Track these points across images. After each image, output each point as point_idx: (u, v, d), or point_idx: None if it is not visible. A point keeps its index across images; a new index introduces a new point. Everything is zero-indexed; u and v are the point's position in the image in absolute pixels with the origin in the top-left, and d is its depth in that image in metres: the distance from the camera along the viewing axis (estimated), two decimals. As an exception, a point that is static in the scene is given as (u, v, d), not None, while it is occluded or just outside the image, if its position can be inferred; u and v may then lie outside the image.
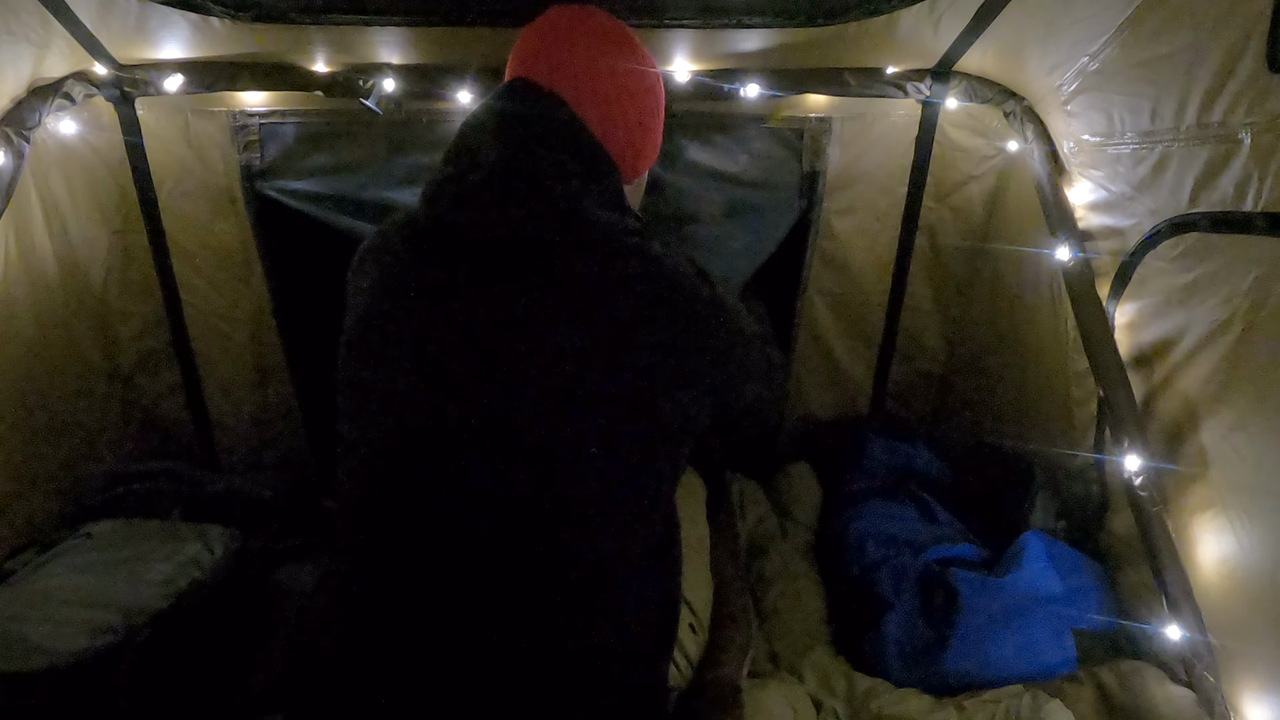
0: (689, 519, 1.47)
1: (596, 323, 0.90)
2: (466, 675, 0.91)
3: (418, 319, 0.94)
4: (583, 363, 0.90)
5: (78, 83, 1.53)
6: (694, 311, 0.96)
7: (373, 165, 1.73)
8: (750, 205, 1.87)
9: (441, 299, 0.93)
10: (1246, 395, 1.18)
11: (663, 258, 0.96)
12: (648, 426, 0.93)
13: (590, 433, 0.90)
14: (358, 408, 0.98)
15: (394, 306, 0.96)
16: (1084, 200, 1.55)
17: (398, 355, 0.94)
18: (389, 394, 0.94)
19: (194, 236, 1.81)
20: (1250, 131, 1.13)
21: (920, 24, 1.52)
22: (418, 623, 0.92)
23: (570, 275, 0.91)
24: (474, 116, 1.02)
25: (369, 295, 0.99)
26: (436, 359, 0.92)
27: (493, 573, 0.91)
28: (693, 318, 0.95)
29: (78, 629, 1.22)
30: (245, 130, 1.71)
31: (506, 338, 0.90)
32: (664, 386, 0.93)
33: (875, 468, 1.92)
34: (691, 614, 1.30)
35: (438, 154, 1.06)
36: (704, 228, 1.87)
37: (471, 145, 0.98)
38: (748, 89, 1.65)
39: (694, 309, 0.96)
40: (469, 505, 0.91)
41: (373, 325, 0.98)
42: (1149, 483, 1.34)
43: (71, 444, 1.71)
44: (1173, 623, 1.26)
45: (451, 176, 0.97)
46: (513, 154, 0.95)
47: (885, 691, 1.34)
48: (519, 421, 0.90)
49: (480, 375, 0.91)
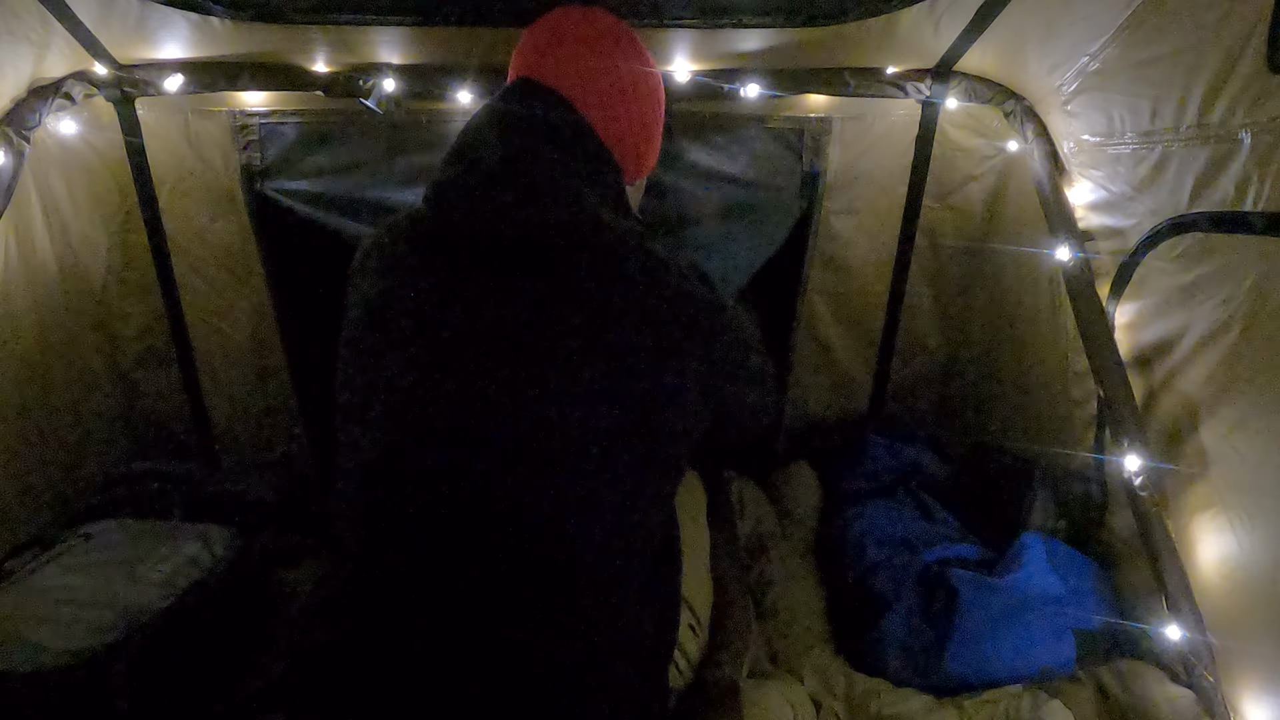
0: (689, 519, 1.47)
1: (599, 324, 0.90)
2: (467, 676, 0.91)
3: (422, 319, 0.94)
4: (586, 363, 0.90)
5: (78, 83, 1.53)
6: (696, 315, 0.96)
7: (373, 165, 1.73)
8: (750, 205, 1.87)
9: (446, 299, 0.93)
10: (1247, 395, 1.18)
11: (666, 260, 0.96)
12: (649, 429, 0.93)
13: (592, 433, 0.90)
14: (360, 408, 0.97)
15: (398, 307, 0.96)
16: (1084, 200, 1.55)
17: (402, 355, 0.94)
18: (392, 393, 0.94)
19: (194, 236, 1.81)
20: (1250, 131, 1.13)
21: (920, 24, 1.52)
22: (419, 622, 0.92)
23: (574, 276, 0.91)
24: (477, 117, 1.02)
25: (372, 296, 0.99)
26: (441, 359, 0.92)
27: (494, 573, 0.91)
28: (695, 321, 0.95)
29: (78, 629, 1.22)
30: (245, 130, 1.72)
31: (510, 338, 0.90)
32: (665, 389, 0.93)
33: (875, 468, 1.92)
34: (692, 614, 1.30)
35: (438, 154, 1.06)
36: (704, 228, 1.87)
37: (475, 145, 0.98)
38: (748, 89, 1.65)
39: (696, 312, 0.96)
40: (472, 505, 0.90)
41: (376, 326, 0.97)
42: (1149, 483, 1.34)
43: (71, 444, 1.72)
44: (1173, 623, 1.26)
45: (455, 176, 0.96)
46: (517, 154, 0.95)
47: (885, 691, 1.34)
48: (523, 422, 0.90)
49: (485, 375, 0.90)
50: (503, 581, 0.91)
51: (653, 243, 0.98)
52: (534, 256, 0.92)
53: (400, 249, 1.00)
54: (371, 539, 0.96)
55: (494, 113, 1.01)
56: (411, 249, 0.99)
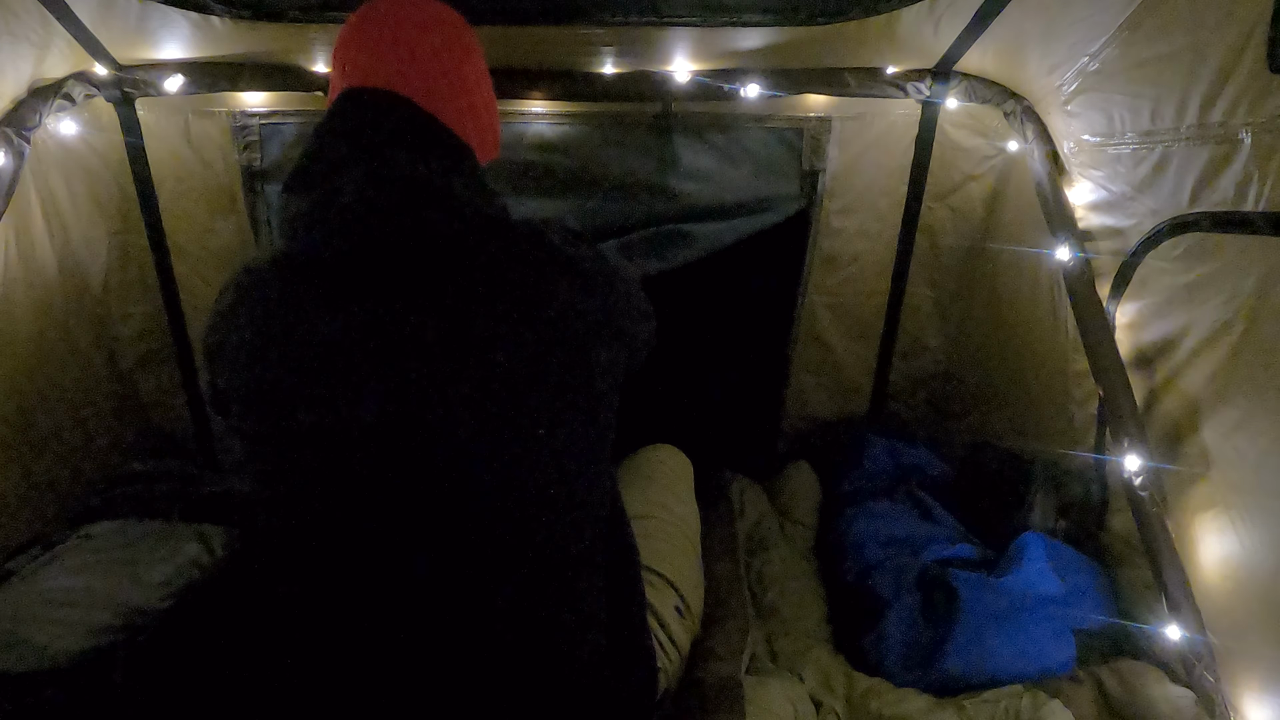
0: (677, 498, 1.47)
1: (505, 308, 0.89)
2: (435, 686, 0.91)
3: (334, 354, 0.88)
4: (504, 349, 0.88)
5: (78, 83, 1.53)
6: (586, 270, 0.95)
7: (372, 165, 1.73)
8: (750, 205, 1.87)
9: (351, 328, 0.88)
10: (1248, 395, 1.18)
11: (542, 230, 0.95)
12: (579, 395, 0.93)
13: (531, 416, 0.89)
14: (283, 456, 0.93)
15: (299, 350, 0.89)
16: (1084, 200, 1.55)
17: (322, 394, 0.88)
18: (320, 434, 0.89)
19: (194, 236, 1.82)
20: (1250, 131, 1.13)
21: (920, 23, 1.52)
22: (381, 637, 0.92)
23: (466, 268, 0.89)
24: (319, 139, 0.96)
25: (258, 346, 0.91)
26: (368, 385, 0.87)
27: (451, 580, 0.90)
28: (589, 277, 0.94)
29: (78, 629, 1.22)
30: (246, 130, 1.72)
31: (429, 346, 0.87)
32: (582, 350, 0.93)
33: (875, 468, 1.92)
34: (677, 595, 1.28)
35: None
36: (703, 227, 1.87)
37: (327, 168, 0.92)
38: (747, 89, 1.65)
39: (585, 268, 0.95)
40: (423, 522, 0.89)
41: (280, 374, 0.90)
42: (1149, 483, 1.34)
43: (71, 444, 1.72)
44: (1173, 623, 1.26)
45: (319, 203, 0.90)
46: (377, 165, 0.90)
47: (885, 691, 1.34)
48: (463, 426, 0.87)
49: (415, 389, 0.87)
50: (461, 586, 0.90)
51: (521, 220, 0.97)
52: (426, 261, 0.89)
53: (279, 291, 0.92)
54: (325, 565, 0.93)
55: (337, 131, 0.95)
56: (293, 287, 0.91)
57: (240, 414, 0.94)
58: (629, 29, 1.52)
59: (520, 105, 1.73)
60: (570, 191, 1.83)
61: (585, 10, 1.47)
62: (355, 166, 0.90)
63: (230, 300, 0.94)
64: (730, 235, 1.85)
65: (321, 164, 0.93)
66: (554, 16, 1.48)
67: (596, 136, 1.79)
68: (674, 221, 1.82)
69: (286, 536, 0.96)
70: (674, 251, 1.82)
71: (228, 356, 0.94)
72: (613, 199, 1.83)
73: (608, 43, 1.58)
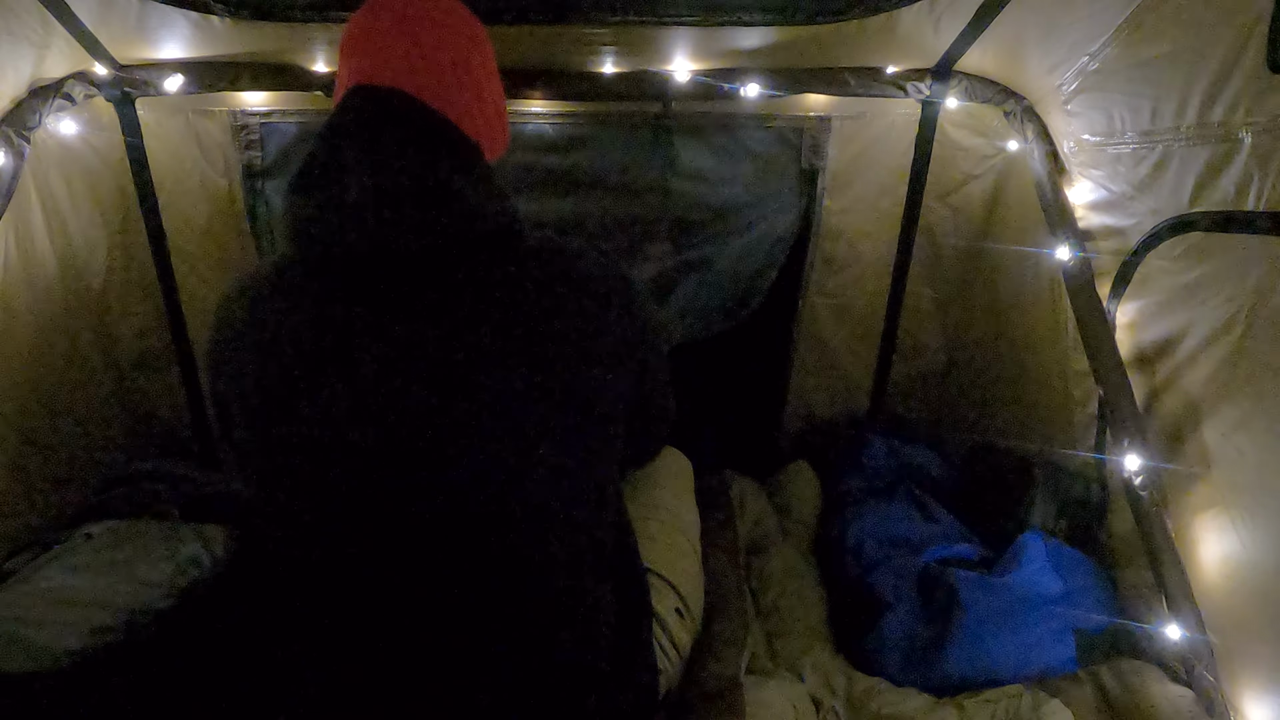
0: (675, 498, 1.47)
1: (511, 324, 0.87)
2: (433, 693, 0.91)
3: (344, 360, 0.87)
4: (507, 366, 0.87)
5: (78, 83, 1.53)
6: (598, 290, 0.93)
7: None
8: (750, 205, 1.87)
9: (362, 332, 0.87)
10: (1248, 395, 1.18)
11: (556, 244, 0.94)
12: (583, 415, 0.92)
13: (531, 434, 0.88)
14: (279, 465, 0.92)
15: (298, 360, 0.88)
16: (1084, 200, 1.55)
17: (329, 402, 0.87)
18: (316, 444, 0.88)
19: (194, 236, 1.82)
20: (1250, 131, 1.13)
21: (920, 23, 1.52)
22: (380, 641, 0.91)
23: (473, 280, 0.88)
24: (324, 139, 0.93)
25: (268, 349, 0.90)
26: (376, 394, 0.86)
27: (455, 590, 0.90)
28: (601, 296, 0.93)
29: (78, 629, 1.22)
30: (246, 130, 1.72)
31: (431, 359, 0.86)
32: (588, 370, 0.91)
33: (875, 468, 1.92)
34: (678, 596, 1.28)
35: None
36: (703, 227, 1.87)
37: (335, 168, 0.89)
38: (747, 88, 1.65)
39: (597, 289, 0.93)
40: (418, 537, 0.88)
41: (278, 383, 0.89)
42: (1149, 483, 1.34)
43: (71, 444, 1.71)
44: (1173, 622, 1.26)
45: (324, 204, 0.88)
46: (384, 166, 0.88)
47: (885, 691, 1.34)
48: (460, 442, 0.87)
49: (414, 403, 0.86)
50: (467, 597, 0.90)
51: (535, 229, 0.95)
52: (438, 265, 0.88)
53: (289, 294, 0.91)
54: (332, 575, 0.92)
55: (344, 130, 0.92)
56: (304, 291, 0.90)
57: (239, 421, 0.93)
58: (629, 28, 1.52)
59: (520, 105, 1.73)
60: (570, 191, 1.83)
61: (585, 9, 1.47)
62: (362, 167, 0.88)
63: (232, 307, 0.94)
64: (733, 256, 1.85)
65: (327, 164, 0.90)
66: (554, 15, 1.48)
67: (596, 136, 1.79)
68: (673, 221, 1.83)
69: (282, 545, 0.96)
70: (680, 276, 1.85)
71: (228, 364, 0.93)
72: (612, 198, 1.83)
73: (608, 42, 1.58)
